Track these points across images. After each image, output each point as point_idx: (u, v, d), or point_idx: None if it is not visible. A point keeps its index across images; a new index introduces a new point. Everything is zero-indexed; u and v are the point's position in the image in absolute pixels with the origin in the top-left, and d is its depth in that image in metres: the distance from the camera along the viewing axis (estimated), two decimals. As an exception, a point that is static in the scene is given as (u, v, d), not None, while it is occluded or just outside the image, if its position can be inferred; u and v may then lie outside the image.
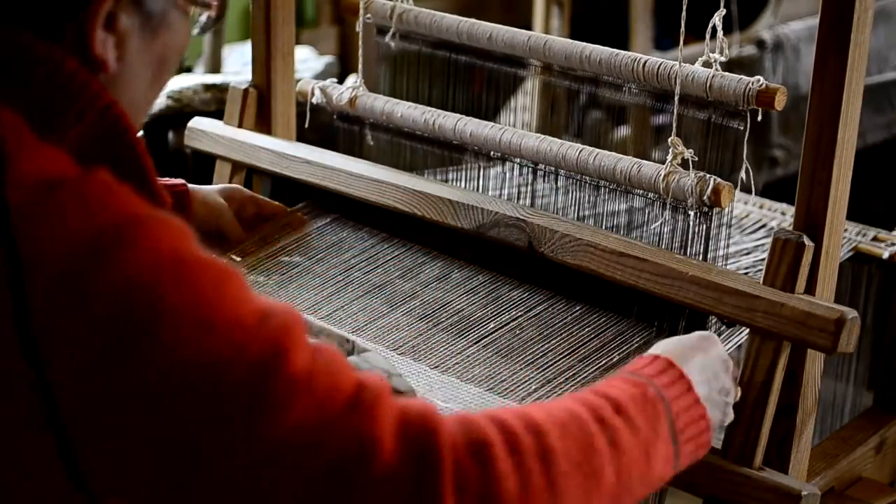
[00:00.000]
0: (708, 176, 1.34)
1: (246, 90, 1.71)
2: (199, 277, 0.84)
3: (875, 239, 1.61)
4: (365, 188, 1.57)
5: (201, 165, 1.81)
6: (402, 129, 1.60)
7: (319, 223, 1.63)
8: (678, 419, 1.04)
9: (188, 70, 2.77)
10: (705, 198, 1.33)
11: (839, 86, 1.21)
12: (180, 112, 2.46)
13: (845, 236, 1.58)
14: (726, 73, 1.34)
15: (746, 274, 1.40)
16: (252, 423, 0.82)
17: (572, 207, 1.47)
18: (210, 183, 1.75)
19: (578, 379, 1.31)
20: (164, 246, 0.84)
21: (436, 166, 1.60)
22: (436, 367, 1.35)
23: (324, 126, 1.76)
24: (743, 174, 1.38)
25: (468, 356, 1.36)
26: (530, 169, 1.50)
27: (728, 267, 1.41)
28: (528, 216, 1.42)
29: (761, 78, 1.33)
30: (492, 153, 1.53)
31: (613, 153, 1.42)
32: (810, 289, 1.26)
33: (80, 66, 0.90)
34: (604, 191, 1.45)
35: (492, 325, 1.40)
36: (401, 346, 1.38)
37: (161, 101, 2.50)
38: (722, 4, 1.33)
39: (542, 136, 1.46)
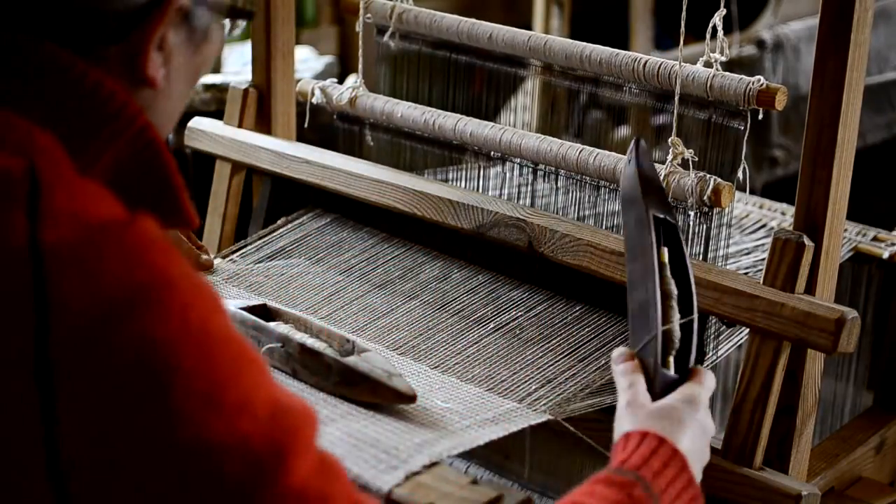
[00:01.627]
0: (708, 176, 1.33)
1: (246, 90, 1.71)
2: (221, 354, 0.82)
3: (875, 239, 1.61)
4: (365, 188, 1.57)
5: (201, 165, 1.81)
6: (402, 129, 1.59)
7: (319, 223, 1.63)
8: None
9: (188, 70, 2.77)
10: (705, 198, 1.33)
11: (839, 86, 1.21)
12: (180, 112, 2.46)
13: (845, 236, 1.58)
14: (727, 73, 1.34)
15: (746, 274, 1.40)
16: None
17: (572, 207, 1.47)
18: (209, 182, 1.75)
19: (578, 379, 1.31)
20: (192, 314, 0.82)
21: (436, 166, 1.60)
22: (436, 367, 1.34)
23: (324, 126, 1.76)
24: (740, 174, 1.37)
25: (468, 356, 1.36)
26: (530, 169, 1.50)
27: (728, 267, 1.41)
28: (528, 216, 1.42)
29: (762, 78, 1.33)
30: (492, 153, 1.53)
31: (613, 153, 1.42)
32: (810, 289, 1.26)
33: (119, 86, 0.89)
34: (604, 191, 1.45)
35: (492, 325, 1.40)
36: (401, 346, 1.38)
37: (161, 101, 2.50)
38: (722, 4, 1.33)
39: (542, 137, 1.46)
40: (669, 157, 1.35)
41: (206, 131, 1.72)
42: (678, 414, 1.08)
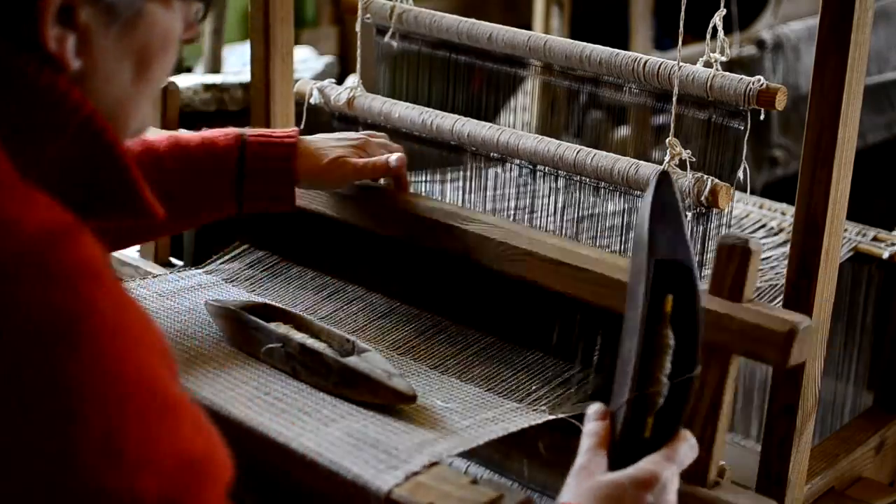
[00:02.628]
0: (706, 177, 1.32)
1: (164, 88, 1.66)
2: (131, 400, 0.78)
3: (875, 239, 1.61)
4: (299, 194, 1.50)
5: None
6: (399, 129, 1.59)
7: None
8: None
9: (188, 70, 2.77)
10: (703, 199, 1.32)
11: (839, 86, 1.21)
12: (180, 112, 2.46)
13: (845, 236, 1.58)
14: (727, 73, 1.33)
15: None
16: None
17: (572, 208, 1.46)
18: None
19: (578, 378, 1.31)
20: (107, 354, 0.78)
21: (434, 167, 1.60)
22: (436, 367, 1.34)
23: (323, 126, 1.76)
24: (740, 174, 1.37)
25: (468, 356, 1.36)
26: (529, 170, 1.50)
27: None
28: (462, 224, 1.39)
29: (762, 78, 1.32)
30: (490, 154, 1.52)
31: (611, 154, 1.41)
32: (810, 289, 1.26)
33: (55, 74, 0.86)
34: (603, 191, 1.44)
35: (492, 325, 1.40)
36: (401, 346, 1.38)
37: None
38: (722, 4, 1.33)
39: (540, 137, 1.45)
40: (667, 157, 1.34)
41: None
42: (619, 494, 0.99)
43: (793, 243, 1.27)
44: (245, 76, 1.77)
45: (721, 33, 1.33)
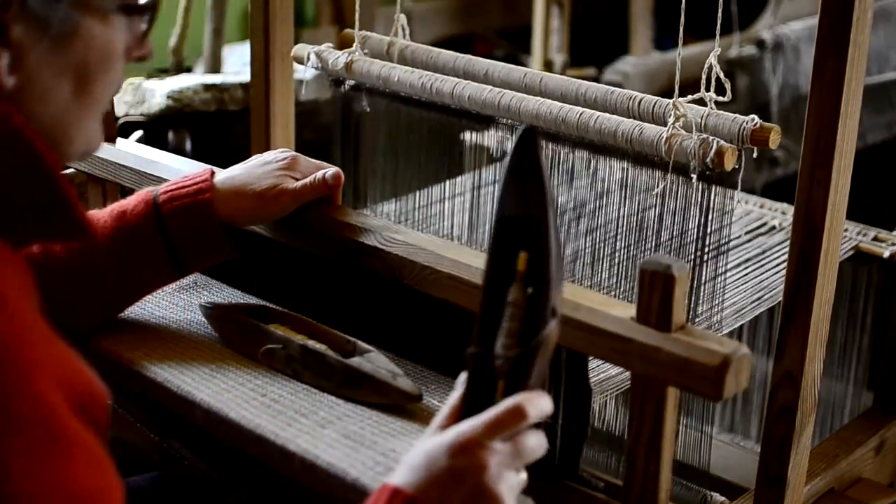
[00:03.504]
0: (711, 138, 1.30)
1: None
2: (16, 438, 0.77)
3: (875, 239, 1.61)
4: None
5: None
6: (399, 93, 1.56)
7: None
8: None
9: (188, 70, 2.77)
10: (709, 160, 1.29)
11: (838, 86, 1.21)
12: (180, 112, 2.46)
13: (846, 236, 1.58)
14: (721, 112, 1.31)
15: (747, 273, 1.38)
16: None
17: (563, 177, 1.44)
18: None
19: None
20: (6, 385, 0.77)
21: (434, 131, 1.57)
22: (435, 367, 1.34)
23: (323, 126, 1.76)
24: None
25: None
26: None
27: (729, 263, 1.40)
28: (386, 244, 1.33)
29: (756, 117, 1.31)
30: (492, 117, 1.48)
31: (614, 115, 1.39)
32: (809, 290, 1.26)
33: None
34: (601, 157, 1.40)
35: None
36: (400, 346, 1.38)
37: (161, 101, 2.50)
38: (721, 4, 1.32)
39: (542, 100, 1.44)
40: (671, 119, 1.33)
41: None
42: (428, 463, 0.93)
43: (792, 243, 1.27)
44: (245, 76, 1.77)
45: (717, 68, 1.32)
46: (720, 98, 1.32)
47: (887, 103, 3.16)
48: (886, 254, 1.58)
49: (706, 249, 1.34)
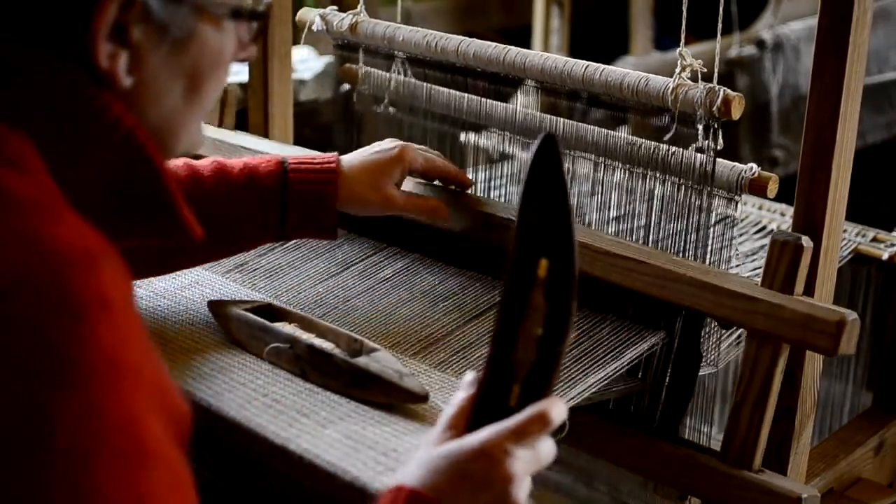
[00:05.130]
0: (718, 87, 1.31)
1: (225, 89, 1.69)
2: (106, 445, 0.77)
3: (875, 240, 1.61)
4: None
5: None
6: (404, 53, 1.57)
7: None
8: None
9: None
10: (715, 109, 1.30)
11: (838, 87, 1.21)
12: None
13: (845, 237, 1.58)
14: (720, 160, 1.34)
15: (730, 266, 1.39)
16: None
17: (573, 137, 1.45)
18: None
19: (576, 379, 1.30)
20: (92, 395, 0.77)
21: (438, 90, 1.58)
22: (436, 366, 1.34)
23: (323, 126, 1.76)
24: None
25: (470, 355, 1.36)
26: (535, 88, 1.47)
27: (729, 263, 1.41)
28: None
29: (754, 166, 1.34)
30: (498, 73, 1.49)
31: (620, 69, 1.40)
32: (809, 290, 1.26)
33: (98, 88, 0.87)
34: (608, 111, 1.42)
35: (491, 325, 1.40)
36: (400, 345, 1.38)
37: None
38: (722, 4, 1.32)
39: (547, 55, 1.45)
40: (678, 69, 1.33)
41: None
42: (456, 465, 0.93)
43: (792, 244, 1.27)
44: (245, 76, 1.77)
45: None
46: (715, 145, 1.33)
47: (887, 103, 3.16)
48: (886, 255, 1.58)
49: (712, 207, 1.37)
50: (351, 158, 1.42)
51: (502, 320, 0.98)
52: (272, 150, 1.65)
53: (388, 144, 1.43)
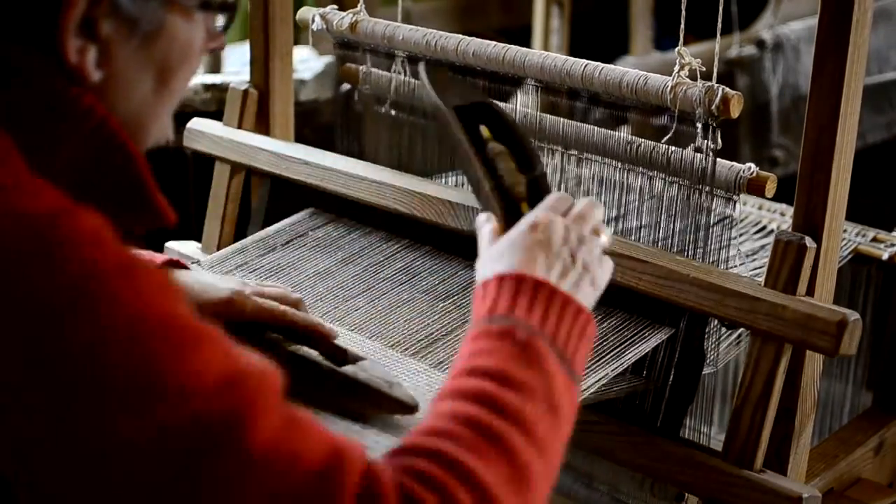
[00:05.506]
0: (716, 86, 1.31)
1: (245, 91, 1.71)
2: (159, 341, 0.80)
3: (875, 240, 1.61)
4: (364, 189, 1.57)
5: (201, 166, 1.81)
6: (403, 52, 1.58)
7: (318, 224, 1.63)
8: (558, 340, 0.97)
9: (188, 70, 2.77)
10: (713, 108, 1.31)
11: (838, 87, 1.21)
12: (180, 112, 2.44)
13: (845, 237, 1.58)
14: (720, 160, 1.34)
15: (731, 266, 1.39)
16: (198, 498, 0.79)
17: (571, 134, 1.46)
18: (210, 183, 1.75)
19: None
20: (122, 306, 0.80)
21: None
22: (436, 365, 1.34)
23: (323, 126, 1.76)
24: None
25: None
26: (535, 87, 1.48)
27: (729, 263, 1.41)
28: None
29: (752, 165, 1.34)
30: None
31: (619, 67, 1.41)
32: (810, 290, 1.26)
33: (69, 83, 0.87)
34: (604, 109, 1.43)
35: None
36: (401, 344, 1.38)
37: (161, 102, 2.50)
38: (721, 4, 1.32)
39: (546, 53, 1.45)
40: (676, 67, 1.33)
41: (206, 132, 1.72)
42: (519, 241, 1.04)
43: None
44: (245, 76, 1.77)
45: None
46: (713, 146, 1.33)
47: (887, 103, 3.16)
48: (885, 255, 1.58)
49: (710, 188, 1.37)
50: (188, 279, 1.31)
51: (483, 166, 1.17)
52: (274, 148, 1.66)
53: (224, 284, 1.30)
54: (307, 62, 2.72)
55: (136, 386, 0.78)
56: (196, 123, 1.74)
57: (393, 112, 1.65)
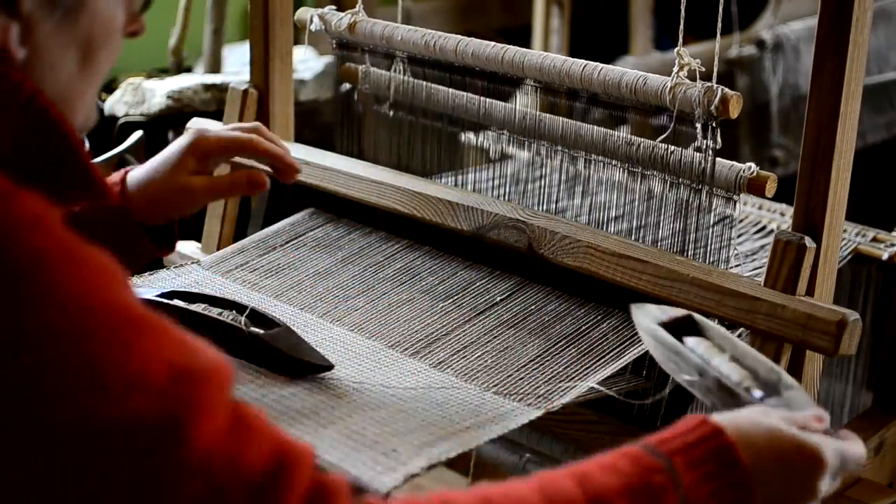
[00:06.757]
0: (716, 86, 1.31)
1: (245, 91, 1.71)
2: (104, 331, 0.78)
3: (875, 240, 1.61)
4: (364, 189, 1.57)
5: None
6: (402, 53, 1.58)
7: (317, 224, 1.63)
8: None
9: (188, 70, 2.77)
10: (713, 108, 1.31)
11: (838, 87, 1.21)
12: (180, 112, 2.46)
13: (845, 237, 1.58)
14: (719, 160, 1.34)
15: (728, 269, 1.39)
16: (132, 499, 0.77)
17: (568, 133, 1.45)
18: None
19: (578, 377, 1.31)
20: (67, 294, 0.78)
21: (437, 90, 1.58)
22: (436, 365, 1.34)
23: (323, 126, 1.76)
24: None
25: (470, 354, 1.36)
26: (534, 88, 1.48)
27: (728, 263, 1.41)
28: (528, 217, 1.42)
29: (752, 165, 1.34)
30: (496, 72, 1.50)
31: (618, 67, 1.41)
32: (810, 290, 1.26)
33: None
34: (602, 109, 1.43)
35: (492, 323, 1.40)
36: (400, 344, 1.38)
37: (161, 101, 2.50)
38: (721, 4, 1.32)
39: (546, 54, 1.45)
40: (675, 68, 1.34)
41: (205, 132, 1.72)
42: (767, 443, 0.95)
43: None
44: (245, 76, 1.77)
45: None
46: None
47: (887, 103, 3.16)
48: (885, 255, 1.58)
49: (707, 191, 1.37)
50: (141, 166, 1.39)
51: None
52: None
53: (185, 135, 1.39)
54: (307, 62, 2.72)
55: (76, 379, 0.77)
56: (196, 123, 1.74)
57: (393, 112, 1.65)
